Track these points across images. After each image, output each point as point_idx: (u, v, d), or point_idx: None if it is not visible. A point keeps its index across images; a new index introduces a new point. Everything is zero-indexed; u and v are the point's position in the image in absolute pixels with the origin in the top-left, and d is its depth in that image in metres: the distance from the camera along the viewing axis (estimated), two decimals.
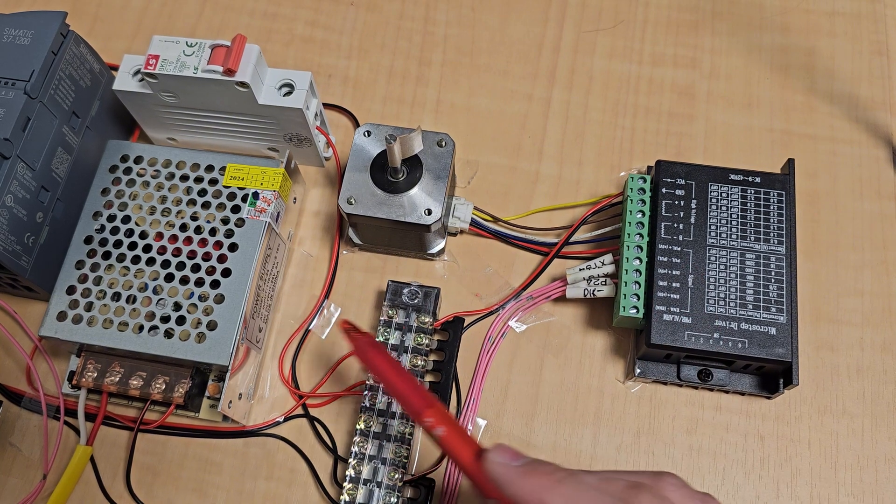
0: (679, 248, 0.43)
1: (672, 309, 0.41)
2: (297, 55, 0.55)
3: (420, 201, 0.44)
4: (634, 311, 0.42)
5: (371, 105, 0.53)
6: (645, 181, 0.45)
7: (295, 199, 0.48)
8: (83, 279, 0.43)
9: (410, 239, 0.46)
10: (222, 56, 0.43)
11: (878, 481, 0.43)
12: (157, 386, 0.42)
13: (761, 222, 0.43)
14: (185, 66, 0.43)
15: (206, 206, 0.44)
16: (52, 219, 0.45)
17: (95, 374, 0.43)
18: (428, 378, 0.44)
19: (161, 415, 0.44)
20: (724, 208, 0.43)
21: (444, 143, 0.45)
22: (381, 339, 0.44)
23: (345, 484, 0.41)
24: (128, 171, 0.45)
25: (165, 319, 0.41)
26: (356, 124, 0.53)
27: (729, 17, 0.55)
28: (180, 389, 0.42)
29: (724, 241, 0.43)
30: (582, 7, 0.56)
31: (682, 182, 0.44)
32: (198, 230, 0.43)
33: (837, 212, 0.49)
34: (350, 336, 0.38)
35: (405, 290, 0.45)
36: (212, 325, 0.41)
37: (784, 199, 0.44)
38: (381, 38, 0.55)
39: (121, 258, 0.43)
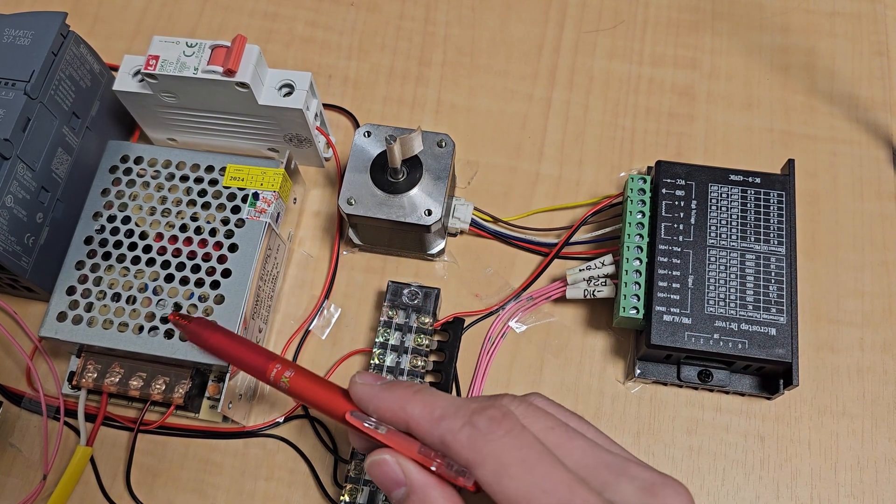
0: (679, 249, 0.43)
1: (672, 309, 0.41)
2: (297, 55, 0.55)
3: (420, 202, 0.44)
4: (634, 311, 0.42)
5: (371, 105, 0.53)
6: (645, 181, 0.45)
7: (295, 199, 0.48)
8: (83, 280, 0.43)
9: (410, 239, 0.46)
10: (222, 56, 0.43)
11: (878, 482, 0.43)
12: (157, 386, 0.42)
13: (761, 223, 0.43)
14: (185, 67, 0.43)
15: (206, 206, 0.44)
16: (52, 219, 0.45)
17: (95, 375, 0.43)
18: (428, 379, 0.44)
19: (161, 415, 0.44)
20: (724, 209, 0.43)
21: (444, 144, 0.45)
22: (380, 339, 0.44)
23: (345, 484, 0.41)
24: (128, 171, 0.45)
25: (166, 320, 0.41)
26: (356, 125, 0.53)
27: (729, 18, 0.55)
28: (180, 390, 0.42)
29: (724, 242, 0.43)
30: (582, 7, 0.56)
31: (682, 182, 0.44)
32: (198, 231, 0.43)
33: (837, 212, 0.49)
34: (179, 325, 0.38)
35: (405, 291, 0.45)
36: None
37: (784, 199, 0.44)
38: (381, 39, 0.55)
39: (121, 259, 0.43)
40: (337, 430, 0.44)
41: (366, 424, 0.30)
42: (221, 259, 0.43)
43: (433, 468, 0.28)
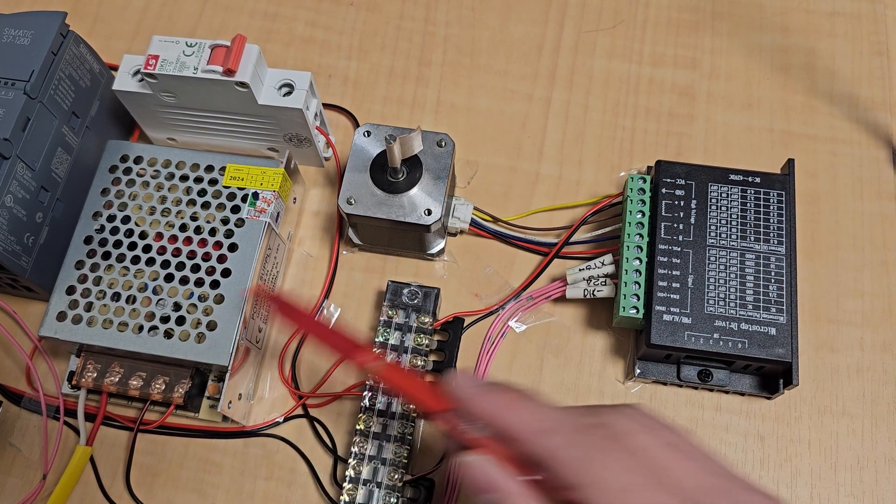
0: (679, 249, 0.43)
1: (672, 309, 0.41)
2: (297, 55, 0.55)
3: (420, 201, 0.44)
4: (634, 311, 0.42)
5: (371, 105, 0.53)
6: (645, 181, 0.45)
7: (295, 199, 0.48)
8: (83, 279, 0.43)
9: (410, 239, 0.46)
10: (222, 56, 0.43)
11: (878, 481, 0.43)
12: (157, 386, 0.42)
13: (761, 222, 0.43)
14: (185, 67, 0.43)
15: (205, 206, 0.44)
16: (51, 219, 0.45)
17: (95, 375, 0.43)
18: (428, 379, 0.44)
19: (161, 415, 0.44)
20: (723, 208, 0.43)
21: (443, 144, 0.45)
22: (380, 339, 0.44)
23: (345, 484, 0.41)
24: (128, 171, 0.45)
25: (165, 319, 0.41)
26: (356, 124, 0.53)
27: (729, 18, 0.55)
28: (180, 390, 0.42)
29: (723, 242, 0.43)
30: (582, 7, 0.56)
31: (682, 182, 0.44)
32: (197, 230, 0.43)
33: (837, 212, 0.49)
34: (272, 300, 0.38)
35: (405, 291, 0.45)
36: (212, 326, 0.41)
37: (784, 199, 0.44)
38: (381, 39, 0.55)
39: (120, 258, 0.43)
40: (337, 430, 0.44)
41: (462, 425, 0.29)
42: (221, 259, 0.43)
43: (533, 479, 0.27)
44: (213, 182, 0.45)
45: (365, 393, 0.43)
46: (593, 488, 0.26)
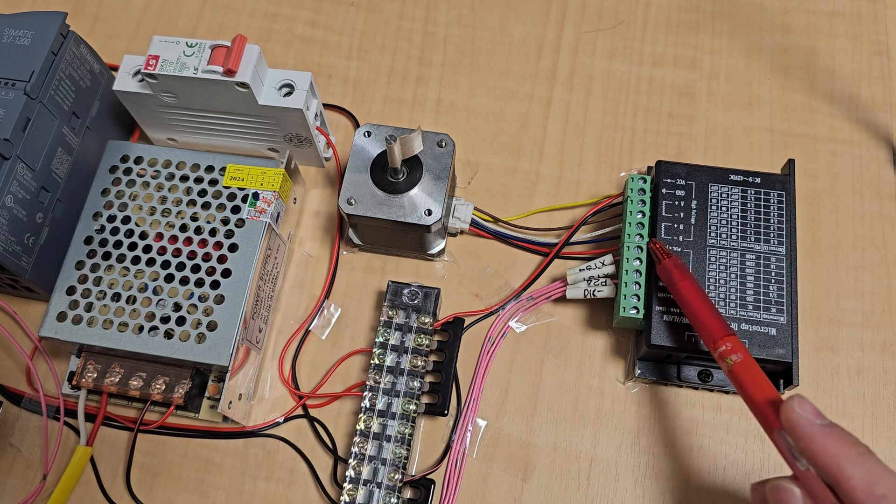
0: (679, 249, 0.43)
1: (672, 309, 0.41)
2: (297, 55, 0.55)
3: (420, 202, 0.44)
4: (634, 311, 0.42)
5: (371, 105, 0.53)
6: (645, 181, 0.45)
7: (295, 199, 0.48)
8: (83, 280, 0.43)
9: (410, 239, 0.46)
10: (222, 56, 0.43)
11: None
12: (157, 386, 0.42)
13: (761, 223, 0.43)
14: (186, 67, 0.43)
15: (206, 206, 0.44)
16: (52, 219, 0.45)
17: (95, 375, 0.43)
18: (428, 379, 0.44)
19: (161, 415, 0.44)
20: (724, 209, 0.43)
21: (444, 144, 0.45)
22: (380, 339, 0.44)
23: (345, 484, 0.41)
24: (128, 171, 0.45)
25: (165, 320, 0.41)
26: (356, 125, 0.53)
27: (729, 18, 0.55)
28: (180, 390, 0.42)
29: (724, 242, 0.43)
30: (582, 7, 0.56)
31: (683, 182, 0.44)
32: (198, 231, 0.43)
33: (838, 212, 0.49)
34: (657, 255, 0.41)
35: (405, 291, 0.45)
36: (212, 326, 0.41)
37: (784, 199, 0.44)
38: (381, 39, 0.55)
39: (121, 259, 0.43)
40: (337, 431, 0.44)
41: (790, 453, 0.30)
42: (221, 259, 0.43)
43: None
44: (213, 182, 0.45)
45: (365, 393, 0.43)
46: None
